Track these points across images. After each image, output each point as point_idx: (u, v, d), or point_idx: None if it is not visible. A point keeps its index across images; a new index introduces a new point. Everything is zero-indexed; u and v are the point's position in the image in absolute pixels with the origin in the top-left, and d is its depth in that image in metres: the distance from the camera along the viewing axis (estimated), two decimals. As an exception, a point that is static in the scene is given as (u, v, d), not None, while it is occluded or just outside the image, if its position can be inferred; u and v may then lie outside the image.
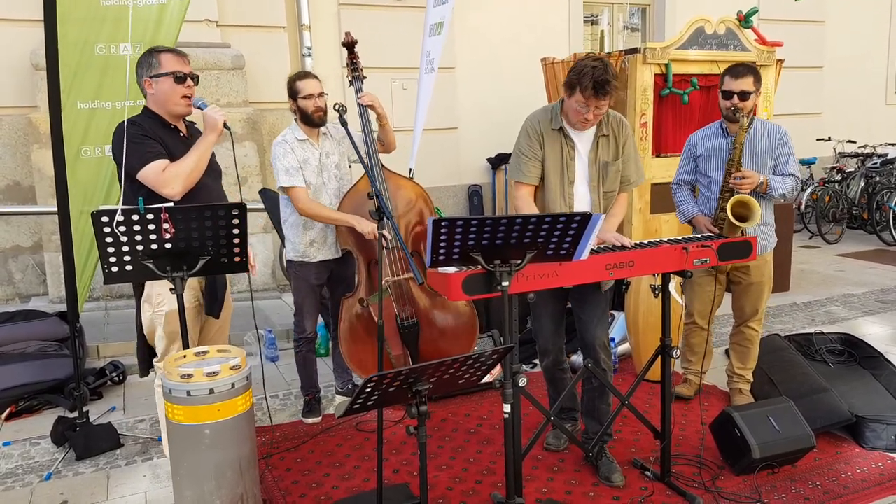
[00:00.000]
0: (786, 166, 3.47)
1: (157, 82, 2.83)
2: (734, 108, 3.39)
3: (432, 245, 2.26)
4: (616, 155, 3.01)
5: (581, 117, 2.86)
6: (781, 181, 3.41)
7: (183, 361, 2.45)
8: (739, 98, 3.38)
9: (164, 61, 2.83)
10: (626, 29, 8.84)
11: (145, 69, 2.85)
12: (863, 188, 8.53)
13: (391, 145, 3.72)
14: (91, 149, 3.64)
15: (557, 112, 2.97)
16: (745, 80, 3.38)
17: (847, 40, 9.62)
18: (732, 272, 3.61)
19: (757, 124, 3.51)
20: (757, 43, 5.67)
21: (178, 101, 2.86)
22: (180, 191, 2.76)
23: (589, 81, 2.73)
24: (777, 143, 3.47)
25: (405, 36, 6.67)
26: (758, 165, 3.45)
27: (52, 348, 4.27)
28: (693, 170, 3.65)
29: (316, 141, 3.59)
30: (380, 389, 2.01)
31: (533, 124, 3.01)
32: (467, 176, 7.68)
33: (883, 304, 5.71)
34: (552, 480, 3.08)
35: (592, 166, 3.00)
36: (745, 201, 3.21)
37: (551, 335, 3.19)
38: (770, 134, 3.49)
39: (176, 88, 2.84)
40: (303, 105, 3.50)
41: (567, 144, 2.98)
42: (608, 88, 2.75)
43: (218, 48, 5.96)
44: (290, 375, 4.41)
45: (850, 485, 2.97)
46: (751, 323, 3.67)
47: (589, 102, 2.79)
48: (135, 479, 3.23)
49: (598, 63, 2.75)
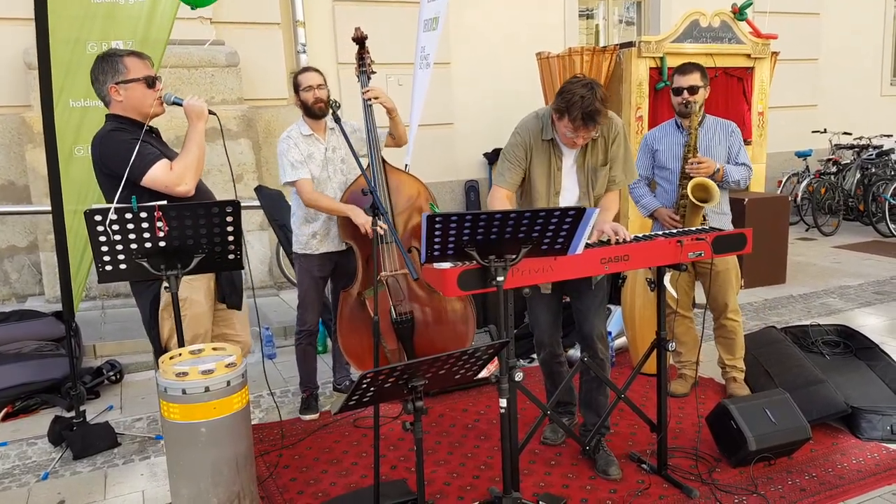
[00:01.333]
0: (737, 156, 3.67)
1: (127, 88, 2.74)
2: (685, 102, 3.59)
3: (427, 240, 2.26)
4: (604, 160, 2.98)
5: (569, 140, 2.85)
6: (735, 169, 3.61)
7: (178, 359, 2.45)
8: (689, 92, 3.59)
9: (131, 65, 2.74)
10: (622, 23, 8.83)
11: (110, 75, 2.73)
12: (858, 180, 8.54)
13: (402, 138, 3.75)
14: (84, 147, 3.63)
15: (548, 121, 2.91)
16: (692, 76, 3.60)
17: (842, 32, 9.61)
18: (697, 263, 3.65)
19: (709, 120, 3.71)
20: (752, 35, 5.67)
21: (151, 104, 2.80)
22: (193, 185, 2.74)
23: (578, 112, 2.67)
24: (729, 136, 3.68)
25: (400, 31, 6.66)
26: (713, 156, 3.63)
27: (48, 348, 4.27)
28: (650, 165, 3.80)
29: (322, 136, 3.61)
30: (375, 385, 2.01)
31: (522, 133, 2.96)
32: (464, 171, 7.68)
33: (879, 295, 5.73)
34: (549, 474, 3.08)
35: (581, 172, 2.98)
36: (703, 184, 3.43)
37: (548, 328, 3.19)
38: (722, 128, 3.70)
39: (147, 93, 2.78)
40: (303, 97, 3.54)
41: (555, 155, 2.95)
42: (597, 119, 2.71)
43: (212, 45, 5.94)
44: (288, 373, 4.42)
45: (847, 475, 2.98)
46: (728, 314, 3.72)
47: (578, 132, 2.76)
48: (132, 477, 3.23)
49: (587, 92, 2.67)
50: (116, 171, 2.67)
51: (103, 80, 2.76)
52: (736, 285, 3.71)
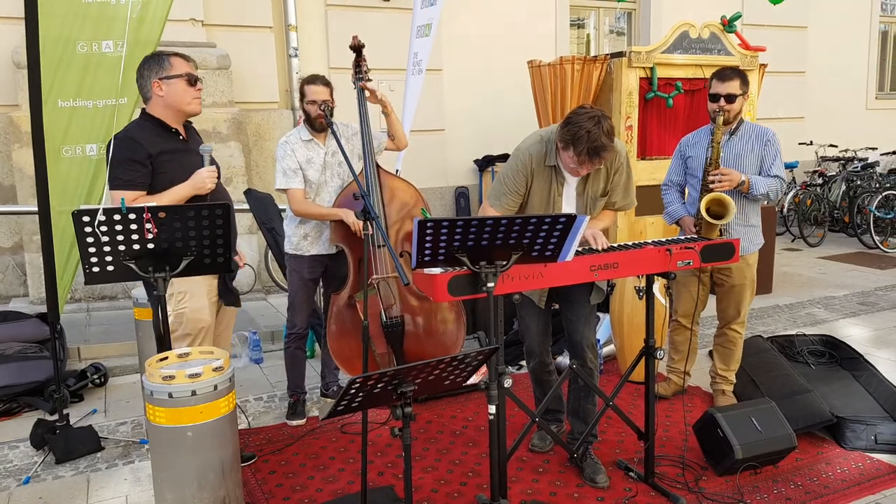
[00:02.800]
0: (770, 167, 3.50)
1: (170, 84, 2.86)
2: (718, 111, 3.43)
3: (418, 246, 2.26)
4: (604, 190, 2.98)
5: (573, 171, 2.83)
6: (763, 181, 3.44)
7: (165, 363, 2.42)
8: (726, 101, 3.43)
9: (176, 63, 2.88)
10: (612, 33, 8.89)
11: (155, 71, 2.86)
12: (844, 192, 8.64)
13: (401, 139, 3.76)
14: (72, 148, 3.60)
15: (552, 148, 2.87)
16: (731, 84, 3.43)
17: (829, 46, 9.74)
18: (716, 274, 3.64)
19: (745, 127, 3.56)
20: (740, 48, 5.72)
21: (191, 102, 2.92)
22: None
23: (584, 147, 2.64)
24: (764, 145, 3.51)
25: (393, 37, 6.67)
26: (744, 167, 3.50)
27: (31, 350, 4.22)
28: (683, 171, 3.70)
29: (322, 141, 3.61)
30: (364, 390, 2.00)
31: (524, 159, 2.90)
32: (454, 178, 7.68)
33: (863, 306, 5.78)
34: (537, 482, 3.08)
35: (580, 199, 2.98)
36: (719, 199, 3.26)
37: (538, 336, 3.19)
38: (758, 136, 3.53)
39: (188, 90, 2.90)
40: (307, 109, 3.56)
41: (557, 181, 2.93)
42: (602, 154, 2.67)
43: (203, 48, 5.92)
44: (275, 377, 4.39)
45: (831, 485, 3.00)
46: (734, 325, 3.70)
47: (583, 165, 2.74)
48: (116, 482, 3.20)
49: (593, 126, 2.61)
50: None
51: (148, 75, 2.88)
52: (750, 298, 3.67)
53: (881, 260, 7.52)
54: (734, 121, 3.52)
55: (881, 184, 8.61)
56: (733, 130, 3.54)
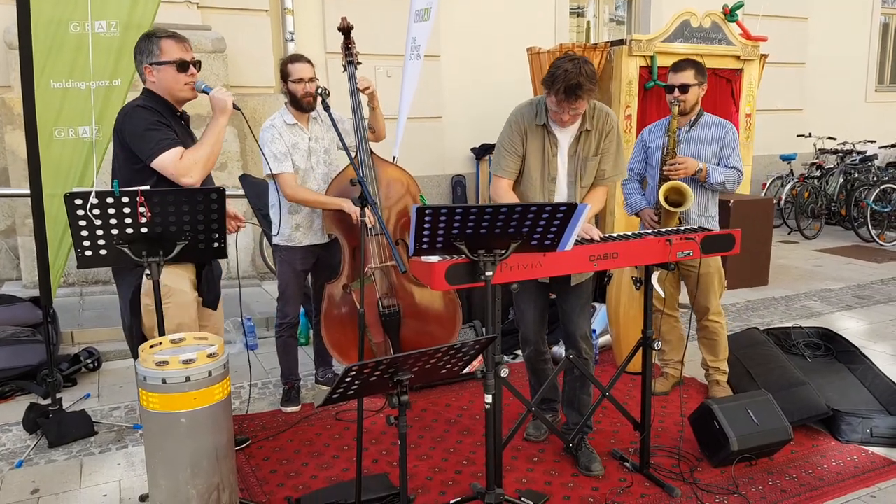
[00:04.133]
0: (728, 158, 3.57)
1: (159, 70, 2.77)
2: (673, 101, 3.50)
3: (416, 233, 2.23)
4: (596, 151, 2.99)
5: (558, 118, 2.86)
6: (720, 171, 3.51)
7: (159, 348, 2.40)
8: (680, 91, 3.51)
9: (166, 48, 2.76)
10: (612, 21, 8.83)
11: (145, 55, 2.77)
12: (841, 185, 8.62)
13: (381, 132, 3.70)
14: (64, 130, 3.55)
15: (542, 107, 2.94)
16: (685, 74, 3.51)
17: (829, 37, 9.70)
18: (681, 264, 3.64)
19: (705, 119, 3.62)
20: (742, 37, 5.69)
21: (182, 88, 2.82)
22: (199, 178, 2.71)
23: (560, 85, 2.69)
24: (723, 137, 3.58)
25: (391, 22, 6.60)
26: (702, 158, 3.56)
27: (24, 334, 4.18)
28: (643, 161, 3.76)
29: (306, 125, 3.55)
30: (360, 379, 1.98)
31: (517, 119, 2.98)
32: (451, 166, 7.64)
33: (859, 299, 5.78)
34: (532, 471, 3.07)
35: (571, 161, 2.99)
36: (677, 187, 3.37)
37: (534, 325, 3.18)
38: (717, 129, 3.59)
39: (179, 77, 2.79)
40: (292, 89, 3.47)
41: (550, 140, 2.96)
42: (579, 93, 2.71)
43: (198, 31, 5.85)
44: (269, 364, 4.37)
45: (826, 477, 3.00)
46: (711, 316, 3.71)
47: (561, 105, 2.77)
48: (109, 466, 3.18)
49: (571, 66, 2.69)
50: (132, 147, 2.69)
51: (140, 59, 2.80)
52: (719, 288, 3.69)
53: (877, 253, 7.52)
54: (691, 111, 3.57)
55: (879, 177, 8.60)
56: (693, 122, 3.58)
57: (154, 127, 2.68)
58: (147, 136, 2.66)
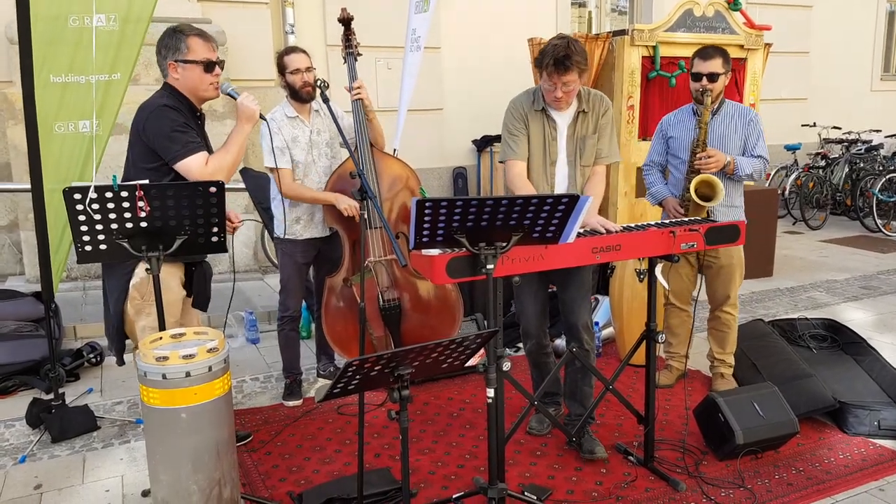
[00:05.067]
0: (754, 147, 3.49)
1: (185, 68, 2.75)
2: (702, 90, 3.40)
3: (416, 226, 2.21)
4: (594, 129, 3.04)
5: (552, 97, 2.89)
6: (748, 162, 3.43)
7: (159, 343, 2.38)
8: (708, 80, 3.40)
9: (194, 46, 2.75)
10: (614, 11, 8.76)
11: (171, 52, 2.75)
12: (847, 174, 8.57)
13: (378, 141, 3.63)
14: (65, 124, 3.52)
15: (539, 94, 2.98)
16: (713, 62, 3.40)
17: (833, 26, 9.61)
18: (703, 256, 3.60)
19: (727, 107, 3.53)
20: (745, 26, 5.63)
21: (207, 88, 2.81)
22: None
23: (550, 59, 2.78)
24: (747, 125, 3.49)
25: (390, 14, 6.55)
26: (728, 147, 3.48)
27: (27, 329, 4.18)
28: (664, 151, 3.67)
29: (307, 118, 3.53)
30: (361, 374, 1.96)
31: (516, 106, 3.04)
32: (452, 158, 7.61)
33: (865, 289, 5.75)
34: (535, 465, 3.06)
35: (570, 141, 3.02)
36: (708, 181, 3.29)
37: (535, 318, 3.16)
38: (741, 116, 3.51)
39: (204, 77, 2.79)
40: (290, 80, 3.45)
41: (549, 125, 3.00)
42: (568, 63, 2.76)
43: (198, 24, 5.80)
44: (271, 357, 4.36)
45: (833, 470, 2.98)
46: (725, 308, 3.67)
47: (553, 80, 2.82)
48: (111, 462, 3.18)
49: (560, 41, 2.79)
50: (155, 145, 2.69)
51: (165, 54, 2.77)
52: (739, 280, 3.64)
53: (883, 243, 7.47)
54: (716, 100, 3.49)
55: (885, 166, 8.54)
56: (716, 110, 3.51)
57: (181, 129, 2.68)
58: (174, 138, 2.67)
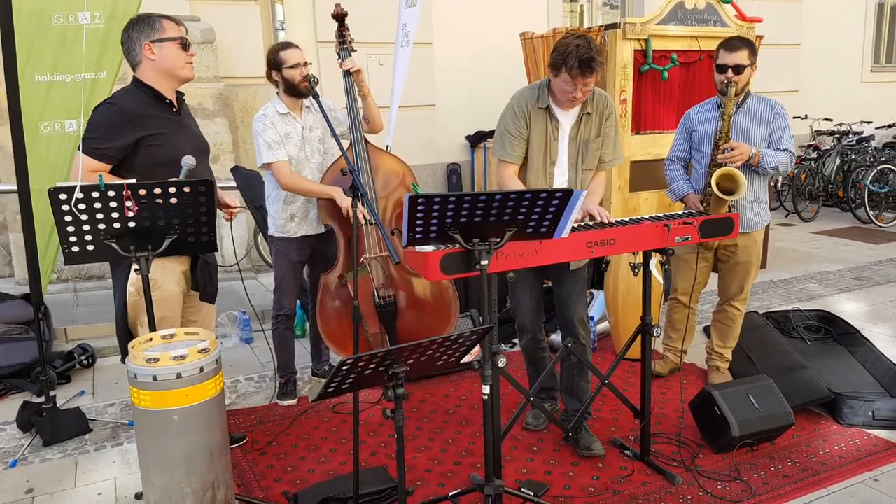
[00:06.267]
0: (780, 141, 3.41)
1: (162, 47, 2.71)
2: (727, 82, 3.33)
3: (409, 222, 2.18)
4: (598, 133, 2.99)
5: (569, 96, 2.83)
6: (774, 154, 3.35)
7: (149, 345, 2.35)
8: (734, 72, 3.33)
9: (168, 26, 2.73)
10: (606, 5, 8.74)
11: (146, 33, 2.70)
12: (838, 166, 8.58)
13: (376, 122, 3.62)
14: (50, 124, 3.48)
15: (545, 90, 2.93)
16: (740, 54, 3.33)
17: (824, 18, 9.61)
18: (720, 250, 3.57)
19: (753, 99, 3.47)
20: (736, 18, 5.62)
21: (184, 66, 2.78)
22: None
23: (574, 61, 2.70)
24: (773, 118, 3.42)
25: (381, 10, 6.51)
26: (752, 140, 3.41)
27: (17, 331, 4.14)
28: (687, 146, 3.60)
29: (299, 114, 3.50)
30: (355, 372, 1.94)
31: (520, 102, 2.96)
32: (445, 154, 7.58)
33: (858, 280, 5.76)
34: (531, 461, 3.05)
35: (573, 144, 2.97)
36: (730, 174, 3.17)
37: (530, 313, 3.14)
38: (766, 109, 3.44)
39: (181, 54, 2.77)
40: (289, 75, 3.40)
41: (552, 124, 2.94)
42: (594, 65, 2.72)
43: (187, 21, 5.74)
44: (265, 357, 4.33)
45: (829, 461, 2.98)
46: (734, 302, 3.64)
47: (576, 81, 2.75)
48: (104, 464, 3.14)
49: (581, 41, 2.72)
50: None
51: (137, 37, 2.72)
52: (754, 275, 3.60)
53: (875, 234, 7.49)
54: (741, 93, 3.42)
55: (876, 158, 8.56)
56: (740, 103, 3.45)
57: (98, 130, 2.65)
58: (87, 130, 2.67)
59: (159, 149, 2.73)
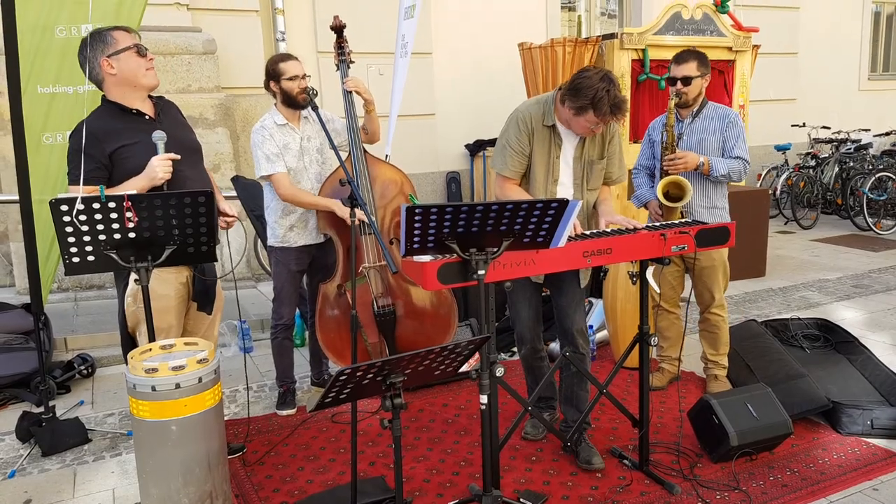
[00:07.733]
0: (733, 148, 3.49)
1: (119, 59, 2.69)
2: (677, 94, 3.44)
3: (406, 233, 2.20)
4: (601, 153, 3.00)
5: (587, 130, 2.83)
6: (723, 163, 3.44)
7: (148, 355, 2.36)
8: (682, 83, 3.43)
9: (120, 37, 2.70)
10: (604, 15, 8.79)
11: (100, 49, 2.68)
12: (837, 174, 8.60)
13: (375, 134, 3.66)
14: (52, 135, 3.52)
15: (551, 108, 2.89)
16: (688, 66, 3.42)
17: (821, 26, 9.66)
18: (685, 256, 3.61)
19: (708, 108, 3.55)
20: (733, 28, 5.66)
21: (146, 74, 2.75)
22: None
23: (607, 106, 2.65)
24: (726, 127, 3.50)
25: (380, 20, 6.56)
26: (705, 149, 3.50)
27: (17, 341, 4.15)
28: (651, 155, 3.70)
29: (297, 125, 3.52)
30: (353, 382, 1.95)
31: (524, 118, 2.91)
32: (445, 163, 7.60)
33: (857, 288, 5.76)
34: (530, 471, 3.05)
35: (578, 164, 2.97)
36: (675, 181, 3.35)
37: (529, 323, 3.15)
38: (720, 118, 3.52)
39: (140, 62, 2.73)
40: (288, 87, 3.42)
41: (555, 143, 2.93)
42: (624, 108, 2.71)
43: (188, 32, 5.80)
44: (265, 367, 4.34)
45: (828, 471, 2.98)
46: (713, 309, 3.67)
47: (605, 120, 2.74)
48: (102, 475, 3.15)
49: (609, 85, 2.65)
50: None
51: (93, 56, 2.69)
52: (723, 281, 3.64)
53: (874, 242, 7.50)
54: (694, 103, 3.51)
55: (874, 165, 8.58)
56: (696, 112, 3.53)
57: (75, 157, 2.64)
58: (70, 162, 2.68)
59: (134, 158, 2.69)
